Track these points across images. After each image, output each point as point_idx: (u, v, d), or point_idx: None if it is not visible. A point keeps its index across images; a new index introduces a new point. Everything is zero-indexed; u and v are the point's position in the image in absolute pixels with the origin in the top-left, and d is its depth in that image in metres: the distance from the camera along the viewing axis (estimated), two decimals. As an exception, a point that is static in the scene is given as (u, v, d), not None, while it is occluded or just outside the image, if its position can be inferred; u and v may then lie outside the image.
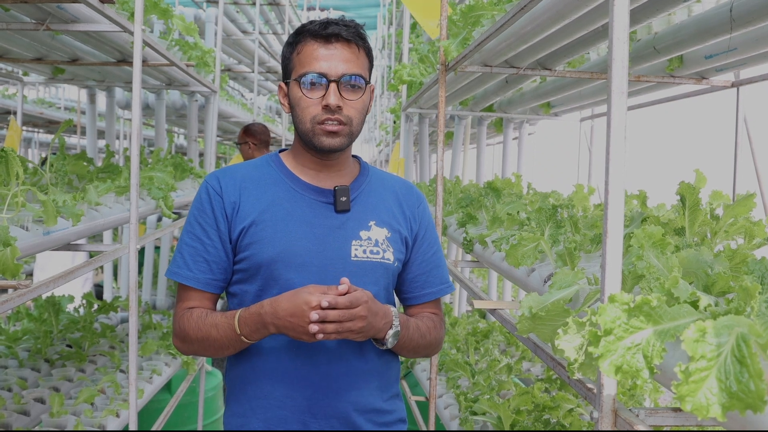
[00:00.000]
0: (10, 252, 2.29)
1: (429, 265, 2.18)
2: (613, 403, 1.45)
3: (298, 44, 2.02)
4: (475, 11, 3.43)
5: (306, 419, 2.01)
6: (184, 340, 2.03)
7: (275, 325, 1.84)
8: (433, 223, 2.26)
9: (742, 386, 1.06)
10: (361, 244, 2.03)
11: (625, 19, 1.44)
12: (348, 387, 2.03)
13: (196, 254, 2.03)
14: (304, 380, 2.00)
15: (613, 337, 1.27)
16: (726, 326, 1.12)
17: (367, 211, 2.09)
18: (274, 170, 2.10)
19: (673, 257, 1.71)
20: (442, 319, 2.23)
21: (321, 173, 2.08)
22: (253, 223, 2.00)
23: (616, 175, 1.44)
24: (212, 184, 2.06)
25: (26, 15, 3.42)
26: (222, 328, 1.95)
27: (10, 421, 3.38)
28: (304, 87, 1.97)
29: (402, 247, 2.11)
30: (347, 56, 1.99)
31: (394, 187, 2.20)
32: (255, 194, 2.05)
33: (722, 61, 3.28)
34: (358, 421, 2.04)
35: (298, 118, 2.01)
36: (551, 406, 3.60)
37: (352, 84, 1.98)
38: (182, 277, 2.03)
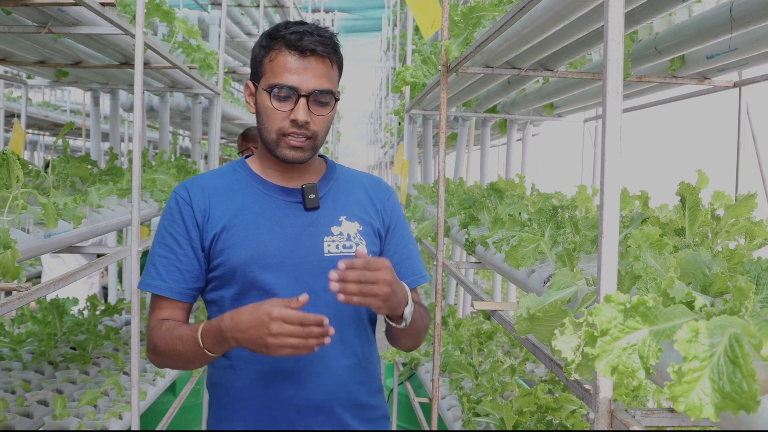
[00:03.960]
0: (10, 254, 2.29)
1: (402, 257, 2.19)
2: (609, 404, 1.45)
3: (271, 50, 2.00)
4: (476, 12, 3.44)
5: (292, 418, 2.01)
6: (154, 352, 2.03)
7: (235, 339, 1.82)
8: (404, 214, 2.28)
9: (735, 386, 1.06)
10: (333, 239, 2.05)
11: (620, 20, 1.44)
12: (332, 383, 2.04)
13: (169, 264, 2.03)
14: (288, 379, 2.01)
15: (609, 338, 1.26)
16: (719, 326, 1.11)
17: (337, 207, 2.10)
18: (241, 175, 2.11)
19: (671, 258, 1.71)
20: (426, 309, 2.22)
21: (287, 174, 2.09)
22: (224, 229, 2.01)
23: (611, 176, 1.44)
24: (181, 194, 2.07)
25: (28, 18, 3.44)
26: (186, 341, 1.93)
27: (13, 423, 3.39)
28: (273, 98, 1.96)
29: (375, 240, 2.13)
30: (320, 71, 1.98)
31: (362, 181, 2.21)
32: (224, 200, 2.05)
33: (724, 62, 3.28)
34: (344, 417, 2.06)
35: (264, 126, 2.01)
36: (554, 407, 3.59)
37: (321, 99, 1.98)
38: (156, 287, 2.03)
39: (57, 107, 12.40)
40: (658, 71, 3.74)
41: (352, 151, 29.31)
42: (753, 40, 2.96)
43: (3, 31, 3.40)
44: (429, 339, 5.53)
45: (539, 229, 2.61)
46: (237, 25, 11.07)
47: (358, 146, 28.96)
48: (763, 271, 1.40)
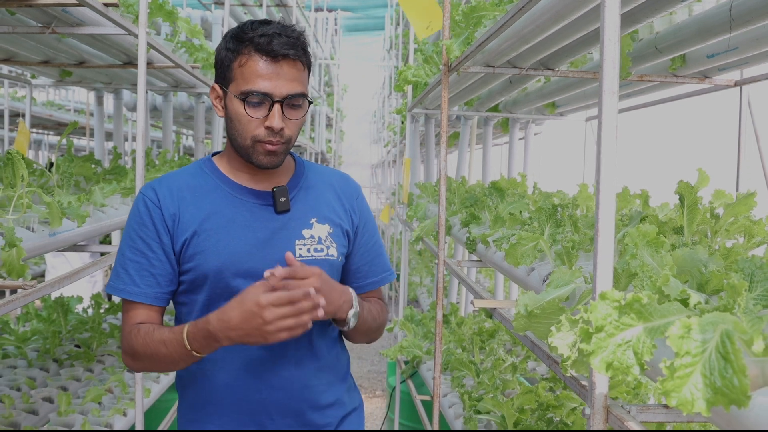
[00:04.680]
0: (15, 253, 2.32)
1: (370, 255, 2.20)
2: (605, 399, 1.47)
3: (240, 54, 1.93)
4: (477, 12, 3.46)
5: (262, 420, 2.03)
6: (133, 357, 2.00)
7: (229, 338, 1.80)
8: (371, 212, 2.27)
9: (726, 382, 1.08)
10: (304, 243, 2.03)
11: (616, 21, 1.46)
12: (301, 386, 2.04)
13: (141, 269, 1.99)
14: (257, 382, 2.01)
15: (604, 334, 1.28)
16: (711, 323, 1.13)
17: (308, 209, 2.09)
18: (210, 177, 2.07)
19: (668, 256, 1.72)
20: (386, 306, 2.26)
21: (257, 176, 2.06)
22: (195, 234, 1.99)
23: (607, 175, 1.46)
24: (149, 195, 2.03)
25: (32, 18, 3.47)
26: (171, 344, 1.90)
27: (18, 420, 3.42)
28: (247, 105, 1.92)
29: (344, 241, 2.12)
30: (293, 75, 1.94)
31: (331, 180, 2.20)
32: (194, 204, 2.02)
33: (724, 61, 3.30)
34: (314, 418, 2.07)
35: (236, 131, 1.97)
36: (555, 404, 3.62)
37: (295, 103, 1.95)
38: (130, 293, 1.99)
39: (61, 107, 12.46)
40: (659, 70, 3.76)
41: (355, 150, 29.31)
42: (753, 39, 2.98)
43: (7, 31, 3.43)
44: (431, 337, 5.55)
45: (539, 227, 2.63)
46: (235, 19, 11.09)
47: (362, 145, 28.95)
48: (756, 269, 1.41)
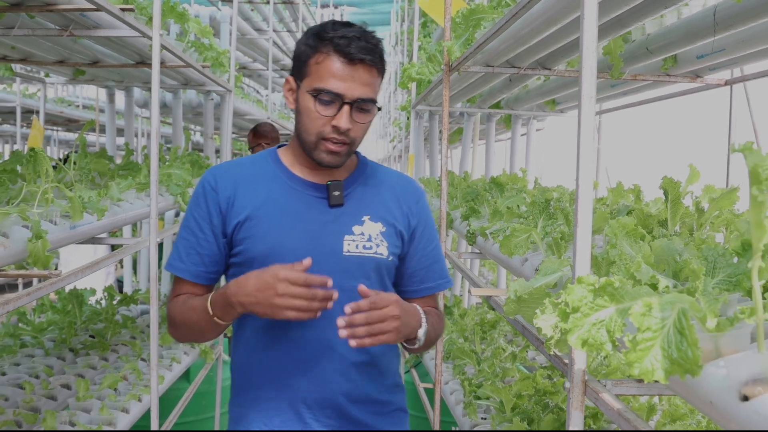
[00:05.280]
0: (41, 244, 2.48)
1: (428, 260, 2.19)
2: (583, 374, 1.63)
3: (318, 51, 1.97)
4: (476, 14, 3.61)
5: (301, 410, 2.06)
6: (172, 325, 2.09)
7: (241, 303, 1.85)
8: (433, 218, 2.27)
9: (681, 353, 1.23)
10: (353, 239, 2.05)
11: (593, 33, 1.61)
12: (341, 379, 2.07)
13: (190, 247, 2.07)
14: (298, 372, 2.05)
15: (580, 314, 1.43)
16: (670, 303, 1.28)
17: (362, 206, 2.10)
18: (271, 166, 2.12)
19: (645, 245, 1.87)
20: (442, 314, 2.25)
21: (317, 169, 2.09)
22: (247, 218, 2.04)
23: (585, 171, 1.61)
24: (208, 179, 2.10)
25: (50, 22, 3.62)
26: (198, 310, 1.97)
27: (39, 405, 3.58)
28: (317, 102, 1.95)
29: (398, 242, 2.12)
30: (366, 80, 1.97)
31: (392, 182, 2.20)
32: (251, 190, 2.07)
33: (713, 61, 3.44)
34: (353, 412, 2.09)
35: (303, 126, 2.01)
36: (551, 391, 3.76)
37: (364, 107, 1.98)
38: (175, 268, 2.09)
39: (71, 103, 12.60)
40: (652, 70, 3.90)
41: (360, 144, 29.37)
42: (739, 41, 3.12)
43: (27, 34, 3.58)
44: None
45: (533, 220, 2.78)
46: (246, 21, 11.23)
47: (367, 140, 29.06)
48: (719, 257, 1.56)
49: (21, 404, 3.52)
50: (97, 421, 3.44)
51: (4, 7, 3.10)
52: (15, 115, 8.71)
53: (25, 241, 2.47)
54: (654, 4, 2.72)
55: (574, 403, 1.62)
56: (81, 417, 3.45)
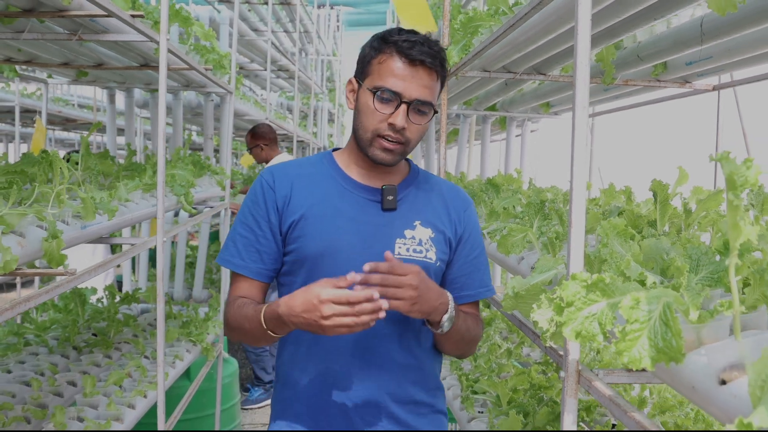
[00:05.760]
0: (56, 244, 2.58)
1: (470, 267, 2.23)
2: (577, 364, 1.74)
3: (382, 53, 2.04)
4: (474, 22, 3.72)
5: (345, 406, 2.10)
6: (228, 327, 2.15)
7: (293, 323, 1.87)
8: (479, 228, 2.32)
9: (666, 343, 1.34)
10: (405, 242, 2.10)
11: (587, 46, 1.72)
12: (387, 380, 2.12)
13: (248, 244, 2.13)
14: (345, 370, 2.10)
15: (574, 308, 1.54)
16: (656, 297, 1.39)
17: (413, 211, 2.16)
18: (327, 167, 2.19)
19: (635, 245, 1.99)
20: (481, 321, 2.29)
21: (371, 172, 2.16)
22: (302, 217, 2.09)
23: (578, 174, 1.72)
24: (266, 178, 2.16)
25: (60, 26, 3.71)
26: (252, 321, 2.01)
27: (46, 401, 3.67)
28: (376, 99, 2.02)
29: (445, 248, 2.18)
30: (425, 82, 2.03)
31: (442, 189, 2.27)
32: (306, 189, 2.13)
33: (701, 68, 3.56)
34: (396, 412, 2.13)
35: (360, 123, 2.08)
36: (546, 385, 3.87)
37: (421, 109, 2.03)
38: (234, 265, 2.14)
39: (68, 102, 12.67)
40: (643, 75, 4.02)
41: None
42: (725, 50, 3.24)
43: (36, 38, 3.67)
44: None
45: (529, 220, 2.89)
46: (244, 22, 11.31)
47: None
48: (702, 255, 1.67)
49: (29, 400, 3.61)
50: (105, 416, 3.54)
51: (17, 12, 3.20)
52: (14, 115, 8.80)
53: (40, 241, 2.57)
54: (644, 15, 2.83)
55: (568, 391, 1.73)
56: (89, 413, 3.55)
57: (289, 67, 13.08)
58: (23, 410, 3.45)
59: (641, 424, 1.45)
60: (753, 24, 2.77)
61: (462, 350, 2.24)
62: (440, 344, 2.21)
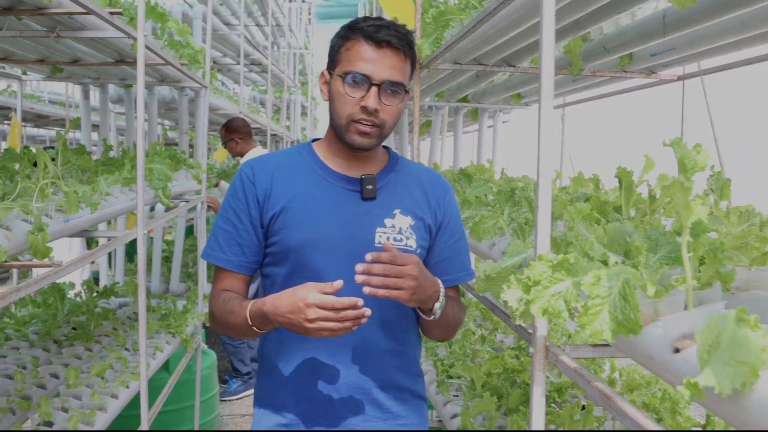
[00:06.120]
0: (41, 237, 2.65)
1: (450, 252, 2.27)
2: (545, 340, 1.84)
3: (348, 40, 2.09)
4: (445, 15, 3.82)
5: (331, 394, 2.13)
6: (213, 319, 2.18)
7: (278, 322, 1.92)
8: (459, 213, 2.36)
9: (625, 316, 1.44)
10: (385, 231, 2.13)
11: (551, 42, 1.82)
12: (371, 366, 2.15)
13: (230, 238, 2.17)
14: (330, 358, 2.13)
15: (540, 287, 1.64)
16: (615, 274, 1.50)
17: (393, 200, 2.19)
18: (306, 159, 2.22)
19: (600, 228, 2.09)
20: (463, 304, 2.33)
21: (350, 162, 2.19)
22: (283, 209, 2.12)
23: (544, 162, 1.83)
24: (246, 172, 2.19)
25: (37, 24, 3.75)
26: (237, 316, 2.05)
27: (30, 393, 3.73)
28: (347, 84, 2.05)
29: (426, 235, 2.21)
30: (394, 63, 2.06)
31: (421, 177, 2.30)
32: (286, 181, 2.16)
33: (665, 59, 3.68)
34: (379, 397, 2.17)
35: (335, 111, 2.11)
36: (519, 369, 3.99)
37: (392, 90, 2.06)
38: (216, 258, 2.18)
39: (40, 99, 12.64)
40: (610, 66, 4.14)
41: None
42: (688, 41, 3.36)
43: (14, 35, 3.72)
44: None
45: (499, 208, 2.99)
46: (216, 16, 11.33)
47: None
48: (661, 236, 1.78)
49: (13, 393, 3.67)
50: (89, 406, 3.62)
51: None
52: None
53: (25, 234, 2.64)
54: (608, 9, 2.95)
55: (537, 365, 1.83)
56: (73, 403, 3.62)
57: (261, 60, 13.12)
58: (8, 402, 3.51)
59: (603, 393, 1.55)
60: (713, 16, 2.89)
61: (447, 334, 2.28)
62: (427, 330, 2.24)
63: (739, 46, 3.38)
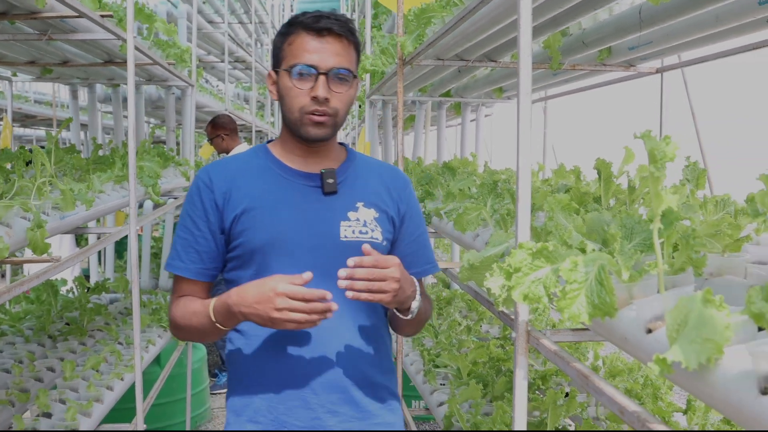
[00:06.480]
0: (40, 233, 2.74)
1: (415, 246, 2.25)
2: (526, 325, 1.95)
3: (290, 35, 2.07)
4: (427, 13, 3.91)
5: (306, 395, 2.08)
6: (175, 327, 2.15)
7: (242, 313, 1.90)
8: (419, 205, 2.34)
9: (601, 300, 1.54)
10: (349, 224, 2.10)
11: (528, 40, 1.92)
12: (346, 362, 2.10)
13: (187, 245, 2.13)
14: (302, 357, 2.07)
15: (521, 273, 1.74)
16: (592, 260, 1.60)
17: (355, 193, 2.16)
18: (263, 159, 2.18)
19: (578, 218, 2.20)
20: (429, 299, 2.29)
21: (308, 159, 2.16)
22: (244, 211, 2.08)
23: (524, 154, 1.93)
24: (203, 178, 2.14)
25: (30, 27, 3.83)
26: (200, 315, 2.03)
27: (28, 386, 3.82)
28: (294, 77, 2.03)
29: (390, 227, 2.19)
30: (338, 50, 2.04)
31: (380, 170, 2.29)
32: (246, 184, 2.12)
33: (643, 52, 3.79)
34: (356, 396, 2.11)
35: (286, 107, 2.08)
36: (504, 358, 4.10)
37: (340, 77, 2.04)
38: (175, 267, 2.13)
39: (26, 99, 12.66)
40: (589, 60, 4.25)
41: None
42: (664, 35, 3.47)
43: (7, 39, 3.81)
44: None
45: (482, 200, 3.09)
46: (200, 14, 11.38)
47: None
48: (635, 224, 1.88)
49: (12, 386, 3.76)
50: (86, 397, 3.71)
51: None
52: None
53: (24, 231, 2.73)
54: (585, 5, 3.05)
55: (519, 349, 1.94)
56: (70, 395, 3.72)
57: (245, 58, 13.20)
58: (7, 394, 3.60)
59: (581, 372, 1.66)
60: (686, 11, 3.00)
61: (416, 330, 2.27)
62: (399, 327, 2.24)
63: (714, 39, 3.49)
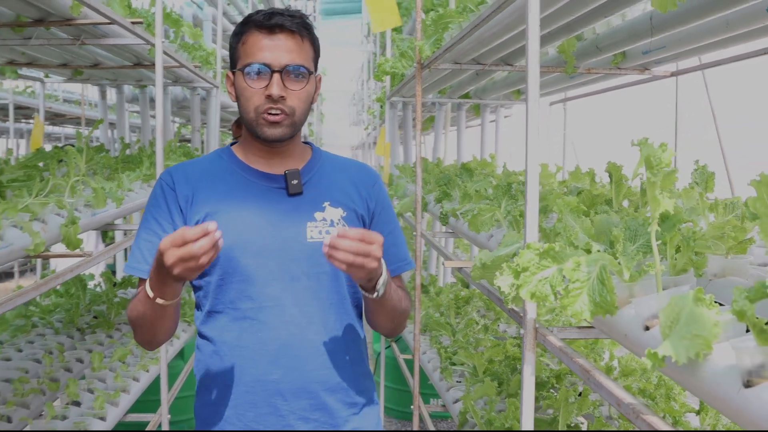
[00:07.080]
0: (74, 229, 2.88)
1: (387, 243, 2.03)
2: (534, 322, 2.05)
3: (243, 34, 2.01)
4: (444, 18, 4.02)
5: (276, 402, 2.01)
6: (132, 327, 2.03)
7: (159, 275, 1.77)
8: (390, 201, 2.26)
9: (602, 298, 1.65)
10: (316, 225, 2.04)
11: (536, 47, 2.02)
12: (315, 366, 2.03)
13: (152, 247, 1.98)
14: (271, 363, 2.00)
15: (529, 273, 1.84)
16: (594, 260, 1.71)
17: (321, 193, 2.09)
18: (226, 162, 2.11)
19: (587, 220, 2.30)
20: (408, 295, 2.21)
21: (271, 160, 2.09)
22: (207, 215, 2.00)
23: (532, 157, 2.04)
24: (165, 179, 2.07)
25: (63, 32, 3.98)
26: (143, 299, 1.90)
27: (58, 376, 3.97)
28: (248, 77, 1.97)
29: (359, 225, 2.12)
30: (291, 47, 1.99)
31: (348, 168, 2.21)
32: (209, 187, 2.05)
33: (656, 57, 3.88)
34: (327, 401, 2.04)
35: (242, 107, 2.02)
36: (519, 356, 4.19)
37: (295, 74, 1.98)
38: (139, 270, 2.01)
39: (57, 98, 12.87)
40: (604, 63, 4.34)
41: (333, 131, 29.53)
42: (676, 40, 3.55)
43: (42, 44, 3.96)
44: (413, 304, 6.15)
45: (497, 201, 3.19)
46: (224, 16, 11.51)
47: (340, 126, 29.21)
48: (639, 226, 1.98)
49: (42, 375, 3.91)
50: (114, 387, 3.86)
51: (28, 22, 3.48)
52: (8, 112, 9.05)
53: (58, 227, 2.87)
54: (596, 12, 3.15)
55: (527, 345, 2.05)
56: (98, 384, 3.87)
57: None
58: (38, 383, 3.75)
59: (583, 367, 1.76)
60: (696, 18, 3.08)
61: (395, 321, 2.15)
62: (373, 315, 2.11)
63: (726, 44, 3.57)
